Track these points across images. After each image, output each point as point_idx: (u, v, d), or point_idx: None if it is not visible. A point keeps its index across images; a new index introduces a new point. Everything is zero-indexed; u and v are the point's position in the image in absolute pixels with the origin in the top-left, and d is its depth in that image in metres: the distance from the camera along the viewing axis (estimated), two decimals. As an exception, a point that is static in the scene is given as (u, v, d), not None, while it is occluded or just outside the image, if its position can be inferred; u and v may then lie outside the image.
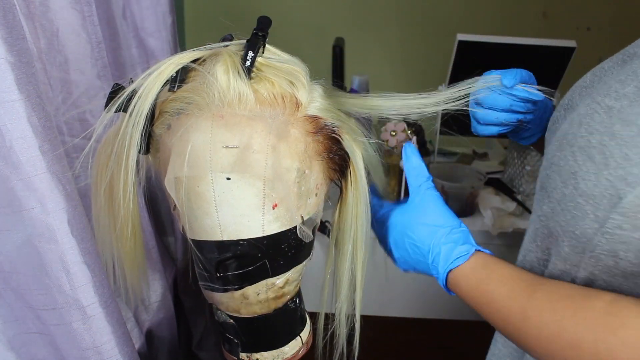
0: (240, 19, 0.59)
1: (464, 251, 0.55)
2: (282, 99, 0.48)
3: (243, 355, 0.55)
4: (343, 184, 0.56)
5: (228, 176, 0.47)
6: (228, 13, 1.63)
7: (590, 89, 0.53)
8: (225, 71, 0.46)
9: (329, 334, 0.60)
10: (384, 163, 1.37)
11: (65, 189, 0.47)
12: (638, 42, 0.51)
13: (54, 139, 0.47)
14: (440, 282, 0.57)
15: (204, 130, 0.46)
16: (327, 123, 0.50)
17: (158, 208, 0.93)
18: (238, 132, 0.46)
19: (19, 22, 0.44)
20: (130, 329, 0.77)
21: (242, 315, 0.53)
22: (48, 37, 0.64)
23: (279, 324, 0.55)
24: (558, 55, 1.31)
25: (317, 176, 0.51)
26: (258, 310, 0.52)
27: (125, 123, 0.47)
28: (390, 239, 0.62)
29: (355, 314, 0.59)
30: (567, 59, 1.31)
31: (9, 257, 0.48)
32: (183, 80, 0.48)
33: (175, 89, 0.48)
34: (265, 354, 0.55)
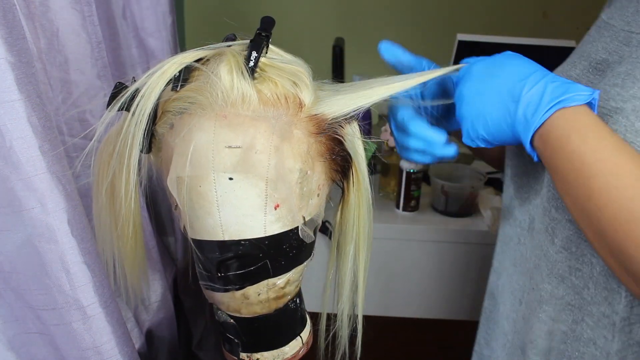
0: (241, 19, 0.59)
1: (584, 89, 0.45)
2: (286, 100, 0.48)
3: (243, 355, 0.55)
4: (345, 184, 0.55)
5: (230, 176, 0.47)
6: (228, 13, 1.63)
7: None
8: (229, 71, 0.46)
9: (331, 334, 0.60)
10: (384, 163, 1.38)
11: (65, 189, 0.47)
12: (597, 47, 0.55)
13: (54, 139, 0.47)
14: (532, 129, 0.46)
15: (207, 130, 0.46)
16: (330, 124, 0.50)
17: (158, 208, 0.93)
18: (241, 132, 0.46)
19: (19, 22, 0.44)
20: (130, 329, 0.77)
21: (243, 315, 0.53)
22: (48, 37, 0.64)
23: (280, 324, 0.54)
24: (558, 55, 1.30)
25: (319, 177, 0.51)
26: (259, 310, 0.52)
27: (127, 122, 0.47)
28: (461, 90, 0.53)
29: (357, 315, 0.59)
30: (567, 59, 1.31)
31: (9, 257, 0.48)
32: (186, 79, 0.48)
33: (178, 89, 0.48)
34: (265, 354, 0.55)
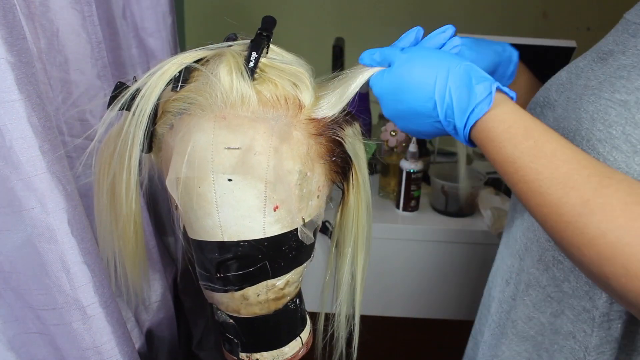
0: (241, 19, 0.59)
1: (484, 91, 0.44)
2: (285, 101, 0.48)
3: (243, 355, 0.55)
4: (345, 186, 0.55)
5: (230, 177, 0.47)
6: (228, 13, 1.63)
7: (568, 86, 0.54)
8: (229, 72, 0.46)
9: (329, 335, 0.60)
10: (384, 163, 1.38)
11: (65, 189, 0.47)
12: (608, 40, 0.53)
13: (54, 139, 0.47)
14: (462, 140, 0.47)
15: (206, 131, 0.46)
16: (330, 125, 0.50)
17: (158, 208, 0.93)
18: (240, 134, 0.46)
19: (19, 22, 0.44)
20: (130, 329, 0.77)
21: (242, 316, 0.53)
22: (48, 37, 0.64)
23: (279, 325, 0.54)
24: (558, 55, 1.30)
25: (319, 178, 0.51)
26: (258, 310, 0.52)
27: (128, 122, 0.47)
28: (385, 112, 0.52)
29: (354, 316, 0.59)
30: (567, 59, 1.30)
31: (9, 257, 0.48)
32: (186, 80, 0.48)
33: (178, 89, 0.48)
34: (265, 354, 0.54)
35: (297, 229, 0.50)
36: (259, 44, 0.48)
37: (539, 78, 0.66)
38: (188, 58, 0.48)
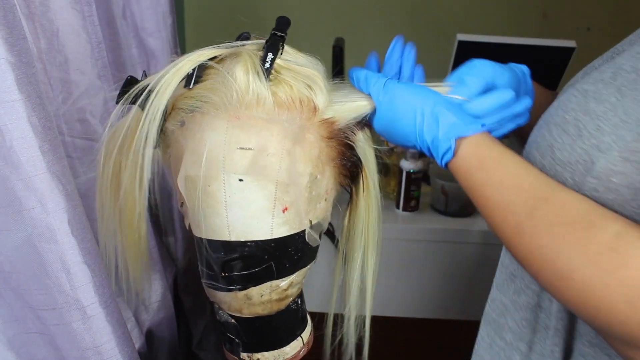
0: (240, 19, 0.59)
1: (445, 144, 0.48)
2: (300, 103, 0.48)
3: (244, 355, 0.55)
4: (354, 189, 0.55)
5: (241, 178, 0.47)
6: (228, 13, 1.63)
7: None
8: (245, 72, 0.46)
9: (337, 340, 0.60)
10: (384, 163, 1.38)
11: (66, 189, 0.47)
12: (626, 40, 0.54)
13: (54, 139, 0.47)
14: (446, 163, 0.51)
15: (219, 130, 0.46)
16: (342, 129, 0.50)
17: (159, 208, 0.93)
18: (254, 134, 0.46)
19: (19, 22, 0.44)
20: (130, 329, 0.77)
21: (244, 315, 0.53)
22: (48, 37, 0.64)
23: (281, 325, 0.54)
24: (558, 55, 1.30)
25: (328, 181, 0.51)
26: (260, 311, 0.52)
27: (142, 120, 0.47)
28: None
29: (364, 320, 0.59)
30: (567, 59, 1.31)
31: (9, 257, 0.48)
32: (200, 77, 0.47)
33: (191, 86, 0.47)
34: (266, 354, 0.54)
35: (304, 231, 0.50)
36: (275, 45, 0.47)
37: (539, 78, 0.66)
38: (204, 55, 0.48)
